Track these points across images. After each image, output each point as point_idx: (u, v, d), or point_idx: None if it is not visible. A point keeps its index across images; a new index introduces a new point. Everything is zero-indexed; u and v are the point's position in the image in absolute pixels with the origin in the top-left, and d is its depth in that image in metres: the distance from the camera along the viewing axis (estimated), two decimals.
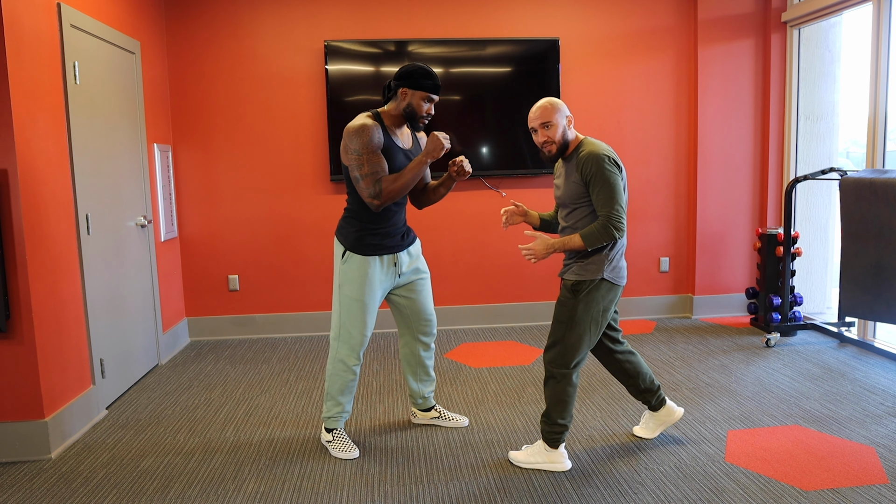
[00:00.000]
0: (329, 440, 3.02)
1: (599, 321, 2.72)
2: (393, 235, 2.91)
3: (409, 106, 2.80)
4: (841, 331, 4.44)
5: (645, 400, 3.00)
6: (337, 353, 2.94)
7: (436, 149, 2.77)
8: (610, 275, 2.67)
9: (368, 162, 2.72)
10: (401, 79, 2.78)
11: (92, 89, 3.59)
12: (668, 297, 5.33)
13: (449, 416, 3.27)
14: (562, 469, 2.78)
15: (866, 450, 2.89)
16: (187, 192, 4.87)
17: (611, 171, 2.58)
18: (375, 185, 2.73)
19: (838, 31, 4.98)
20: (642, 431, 3.09)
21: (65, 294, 3.24)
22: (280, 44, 4.83)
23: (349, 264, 2.86)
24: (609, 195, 2.57)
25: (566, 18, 5.01)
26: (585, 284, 2.67)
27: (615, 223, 2.57)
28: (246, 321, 5.02)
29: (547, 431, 2.77)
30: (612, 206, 2.57)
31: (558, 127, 2.66)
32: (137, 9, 4.25)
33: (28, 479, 2.83)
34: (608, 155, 2.60)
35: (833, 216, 5.13)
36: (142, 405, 3.67)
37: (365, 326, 2.90)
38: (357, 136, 2.71)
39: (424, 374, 3.21)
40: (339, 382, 2.97)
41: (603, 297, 2.69)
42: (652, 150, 5.18)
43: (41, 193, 3.06)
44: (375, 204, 2.76)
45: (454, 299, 5.15)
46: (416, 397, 3.25)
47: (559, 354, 2.71)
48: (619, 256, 2.71)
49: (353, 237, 2.86)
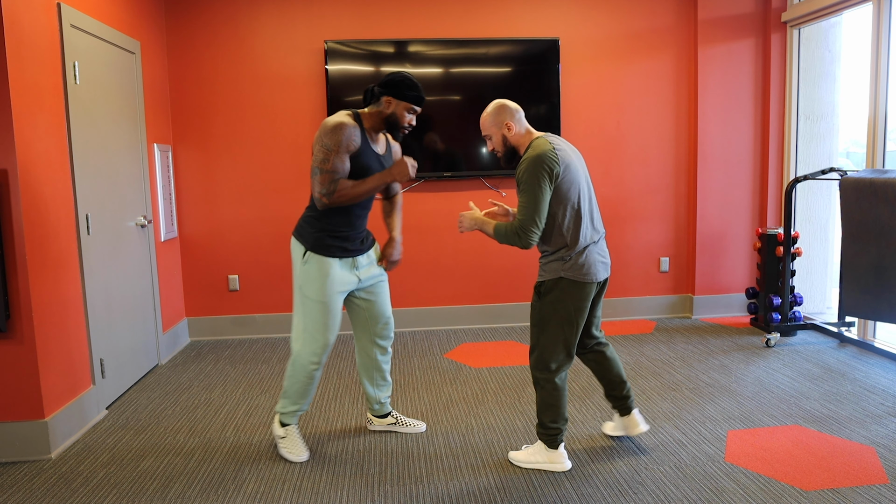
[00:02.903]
0: (282, 436, 3.00)
1: (573, 320, 2.69)
2: (354, 239, 2.88)
3: (392, 115, 2.80)
4: (841, 331, 4.44)
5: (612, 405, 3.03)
6: (298, 356, 2.89)
7: (402, 175, 2.78)
8: (569, 273, 2.65)
9: (334, 159, 2.70)
10: (386, 87, 2.77)
11: (92, 89, 3.59)
12: (668, 297, 5.33)
13: (406, 422, 3.24)
14: (562, 469, 2.78)
15: (866, 450, 2.89)
16: (187, 192, 4.87)
17: (535, 182, 2.54)
18: (331, 185, 2.71)
19: (838, 31, 4.98)
20: (608, 427, 3.14)
21: (65, 294, 3.24)
22: (280, 44, 4.83)
23: (310, 265, 2.82)
24: (526, 204, 2.57)
25: (566, 18, 5.01)
26: (546, 285, 2.70)
27: (525, 233, 2.57)
28: (246, 321, 5.02)
29: (542, 434, 2.78)
30: (526, 215, 2.57)
31: (495, 136, 2.74)
32: (137, 9, 4.26)
33: (28, 479, 2.83)
34: (544, 161, 2.55)
35: (833, 216, 5.13)
36: (142, 405, 3.67)
37: (327, 329, 2.86)
38: (333, 132, 2.69)
39: (381, 378, 3.16)
40: (297, 385, 2.93)
41: (569, 295, 2.67)
42: (652, 150, 5.18)
43: (41, 193, 3.06)
44: (324, 202, 2.72)
45: (454, 299, 5.15)
46: (372, 403, 3.19)
47: (538, 359, 2.73)
48: (577, 255, 2.65)
49: (313, 238, 2.82)
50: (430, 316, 5.15)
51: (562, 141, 2.71)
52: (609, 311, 5.28)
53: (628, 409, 2.99)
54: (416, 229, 5.05)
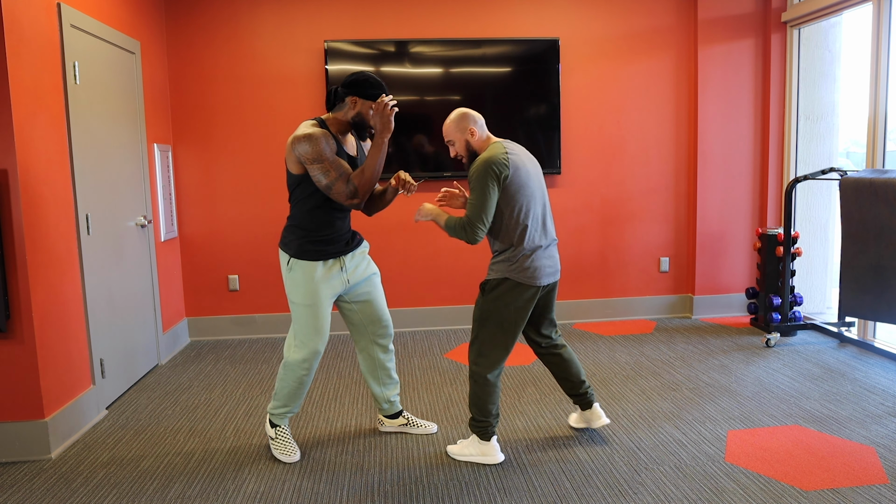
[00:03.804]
0: (273, 437, 3.01)
1: (513, 320, 2.77)
2: (337, 241, 2.86)
3: (357, 115, 2.78)
4: (841, 331, 4.44)
5: (574, 402, 3.12)
6: (288, 360, 2.90)
7: (385, 125, 2.74)
8: (515, 275, 2.74)
9: (332, 166, 2.68)
10: (350, 87, 2.75)
11: (92, 89, 3.59)
12: (668, 297, 5.33)
13: (417, 423, 3.23)
14: (494, 461, 2.86)
15: (866, 450, 2.89)
16: (187, 192, 4.87)
17: (484, 182, 2.66)
18: (349, 185, 2.70)
19: (838, 31, 4.98)
20: (572, 419, 3.22)
21: (65, 294, 3.24)
22: (280, 44, 4.83)
23: (294, 272, 2.82)
24: (475, 203, 2.68)
25: (566, 18, 5.01)
26: (491, 283, 2.79)
27: (471, 227, 2.70)
28: (246, 321, 5.02)
29: (475, 427, 2.87)
30: (474, 213, 2.69)
31: (458, 142, 2.84)
32: (137, 9, 4.26)
33: (28, 479, 2.83)
34: (494, 164, 2.67)
35: (833, 216, 5.13)
36: (142, 405, 3.67)
37: (317, 333, 2.85)
38: (309, 143, 2.66)
39: (387, 376, 3.15)
40: (287, 388, 2.94)
41: (512, 296, 2.75)
42: (652, 150, 5.18)
43: (41, 193, 3.06)
44: (356, 202, 2.72)
45: (454, 299, 5.15)
46: (380, 402, 3.18)
47: (476, 354, 2.82)
48: (524, 257, 2.74)
49: (296, 245, 2.82)
50: (431, 316, 5.15)
51: (518, 147, 2.85)
52: (609, 311, 5.28)
53: (589, 404, 3.10)
54: (416, 229, 5.05)
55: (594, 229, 5.20)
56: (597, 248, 5.22)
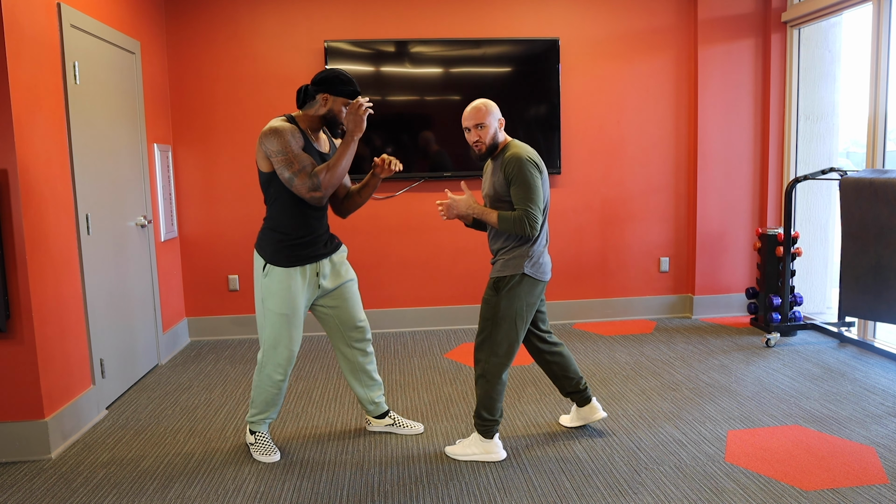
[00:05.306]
0: (252, 442, 3.00)
1: (524, 317, 2.80)
2: (314, 244, 2.84)
3: (329, 112, 2.76)
4: (841, 331, 4.44)
5: (572, 399, 3.15)
6: (263, 367, 2.89)
7: (357, 125, 2.71)
8: (531, 270, 2.77)
9: (296, 159, 2.66)
10: (321, 84, 2.74)
11: (92, 89, 3.59)
12: (668, 297, 5.33)
13: (403, 423, 3.22)
14: (497, 459, 2.87)
15: (866, 450, 2.89)
16: (187, 192, 4.87)
17: (531, 172, 2.70)
18: (312, 178, 2.67)
19: (838, 31, 4.98)
20: (566, 420, 3.23)
21: (65, 294, 3.24)
22: (280, 44, 4.83)
23: (270, 278, 2.79)
24: (527, 193, 2.69)
25: (566, 18, 5.01)
26: (506, 280, 2.77)
27: (530, 220, 2.69)
28: (246, 321, 5.02)
29: (480, 425, 2.87)
30: (528, 204, 2.69)
31: (490, 128, 2.79)
32: (137, 9, 4.26)
33: (28, 479, 2.83)
34: (530, 157, 2.72)
35: (833, 216, 5.13)
36: (142, 405, 3.67)
37: (291, 341, 2.85)
38: (275, 136, 2.65)
39: (368, 378, 3.14)
40: (263, 395, 2.93)
41: (526, 292, 2.78)
42: (652, 150, 5.18)
43: (41, 193, 3.06)
44: (318, 196, 2.69)
45: (454, 299, 5.15)
46: (365, 404, 3.18)
47: (489, 353, 2.80)
48: (539, 253, 2.80)
49: (272, 249, 2.78)
50: (430, 316, 5.15)
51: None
52: (609, 311, 5.28)
53: (588, 399, 3.12)
54: (415, 229, 5.05)
55: (594, 229, 5.20)
56: (597, 248, 5.22)
